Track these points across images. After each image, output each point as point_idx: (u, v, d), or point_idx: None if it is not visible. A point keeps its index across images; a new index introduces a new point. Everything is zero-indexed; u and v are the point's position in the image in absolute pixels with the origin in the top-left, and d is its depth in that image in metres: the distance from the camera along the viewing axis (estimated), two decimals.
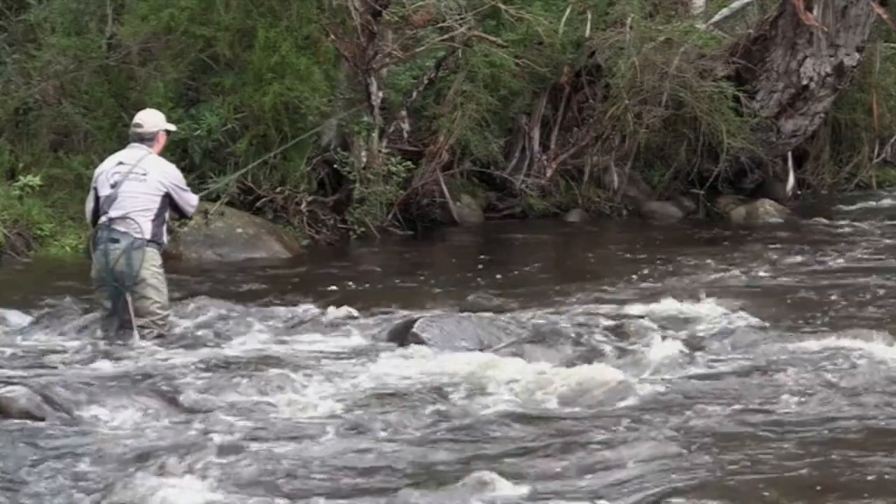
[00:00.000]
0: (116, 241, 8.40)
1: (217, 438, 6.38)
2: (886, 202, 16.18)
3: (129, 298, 8.40)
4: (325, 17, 13.34)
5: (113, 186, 8.49)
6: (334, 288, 10.81)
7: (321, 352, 8.27)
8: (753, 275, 11.18)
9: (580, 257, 12.34)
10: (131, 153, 8.66)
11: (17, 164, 13.33)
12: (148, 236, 8.45)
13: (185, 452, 6.14)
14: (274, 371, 7.70)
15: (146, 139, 8.68)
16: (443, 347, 8.24)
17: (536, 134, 15.30)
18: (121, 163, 8.60)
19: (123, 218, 8.42)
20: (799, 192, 16.56)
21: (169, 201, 8.60)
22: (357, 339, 8.67)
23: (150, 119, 8.81)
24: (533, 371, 7.69)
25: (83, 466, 5.97)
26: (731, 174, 15.71)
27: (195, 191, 9.28)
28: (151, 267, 8.48)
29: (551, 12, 15.28)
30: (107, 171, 8.62)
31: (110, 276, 8.44)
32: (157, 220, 8.53)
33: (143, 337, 8.43)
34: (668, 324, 9.06)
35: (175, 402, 7.07)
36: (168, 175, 8.63)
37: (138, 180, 8.47)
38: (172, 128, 9.09)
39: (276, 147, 12.88)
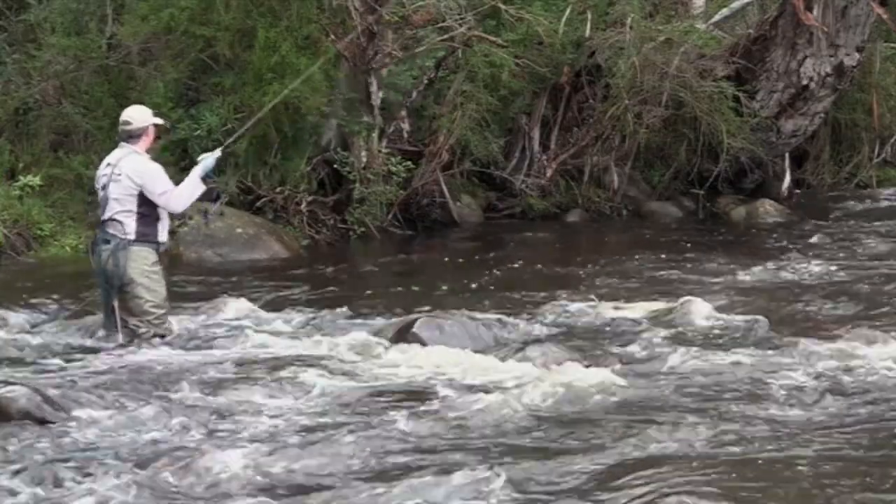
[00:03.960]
0: (107, 242, 8.47)
1: (216, 438, 6.39)
2: (886, 202, 16.17)
3: (115, 299, 8.44)
4: (325, 17, 13.34)
5: (103, 189, 8.56)
6: (334, 288, 10.81)
7: (320, 352, 8.27)
8: (753, 275, 11.18)
9: (580, 258, 12.32)
10: (117, 153, 8.66)
11: (17, 164, 13.33)
12: (133, 236, 8.44)
13: (185, 452, 6.15)
14: (273, 371, 7.71)
15: (134, 136, 8.62)
16: (442, 347, 8.24)
17: (536, 134, 15.30)
18: (108, 164, 8.64)
19: (111, 219, 8.47)
20: (797, 192, 16.56)
21: (146, 199, 8.53)
22: (357, 339, 8.67)
23: (138, 115, 8.73)
24: (532, 371, 7.70)
25: (83, 467, 5.97)
26: (731, 174, 15.71)
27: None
28: (142, 266, 8.45)
29: (551, 12, 15.27)
30: (99, 174, 8.69)
31: (102, 277, 8.51)
32: (144, 218, 8.47)
33: (138, 336, 8.44)
34: (667, 324, 9.07)
35: (175, 402, 7.07)
36: (138, 172, 8.46)
37: (116, 181, 8.48)
38: (160, 121, 8.98)
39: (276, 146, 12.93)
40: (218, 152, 8.88)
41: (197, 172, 8.65)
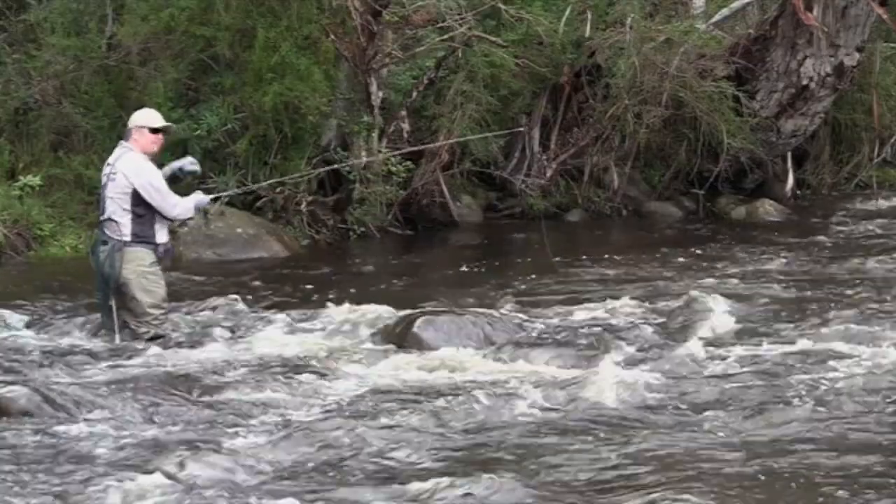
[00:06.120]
0: (105, 242, 8.49)
1: (216, 438, 6.39)
2: (886, 203, 16.16)
3: (113, 300, 8.45)
4: (325, 17, 13.34)
5: (103, 188, 8.58)
6: (334, 288, 10.81)
7: (321, 352, 8.28)
8: (753, 275, 11.18)
9: (579, 257, 12.32)
10: (116, 152, 8.69)
11: (17, 164, 13.33)
12: (129, 237, 8.43)
13: (185, 452, 6.14)
14: (273, 371, 7.72)
15: (126, 136, 8.70)
16: (442, 347, 8.25)
17: (536, 134, 15.30)
18: (108, 164, 8.67)
19: (108, 220, 8.48)
20: (798, 192, 16.55)
21: (142, 199, 8.51)
22: (357, 339, 8.67)
23: (135, 116, 8.81)
24: (532, 370, 7.70)
25: (83, 467, 5.98)
26: (731, 174, 15.70)
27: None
28: (138, 267, 8.45)
29: (551, 12, 15.26)
30: (102, 175, 8.71)
31: (100, 278, 8.53)
32: (139, 218, 8.45)
33: (138, 337, 8.44)
34: (667, 324, 9.07)
35: (174, 401, 7.07)
36: (135, 172, 8.46)
37: (112, 181, 8.50)
38: (157, 124, 8.70)
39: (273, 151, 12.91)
40: (210, 198, 9.31)
41: (194, 199, 8.75)
